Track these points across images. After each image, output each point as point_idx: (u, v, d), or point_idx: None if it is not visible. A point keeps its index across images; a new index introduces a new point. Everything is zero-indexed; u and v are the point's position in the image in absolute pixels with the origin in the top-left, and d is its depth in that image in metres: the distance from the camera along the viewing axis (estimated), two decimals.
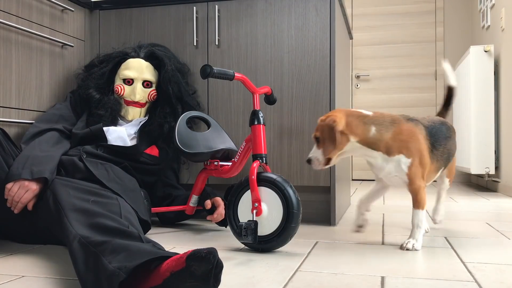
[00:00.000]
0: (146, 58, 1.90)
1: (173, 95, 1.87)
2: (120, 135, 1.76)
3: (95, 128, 1.73)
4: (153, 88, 1.88)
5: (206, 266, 0.88)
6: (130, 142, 1.78)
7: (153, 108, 1.91)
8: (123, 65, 1.87)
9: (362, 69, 5.10)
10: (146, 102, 1.87)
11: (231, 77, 1.52)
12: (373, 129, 1.46)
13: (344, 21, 2.27)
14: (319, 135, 1.48)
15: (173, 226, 1.92)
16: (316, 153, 1.49)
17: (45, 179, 1.43)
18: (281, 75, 1.96)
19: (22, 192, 1.39)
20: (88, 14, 2.15)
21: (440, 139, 1.58)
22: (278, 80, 1.96)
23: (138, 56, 1.89)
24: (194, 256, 0.89)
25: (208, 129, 1.80)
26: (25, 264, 1.29)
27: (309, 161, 1.51)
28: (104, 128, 1.75)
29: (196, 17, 2.05)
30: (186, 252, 0.91)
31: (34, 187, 1.41)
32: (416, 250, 1.49)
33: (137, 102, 1.84)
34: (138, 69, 1.85)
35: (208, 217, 1.73)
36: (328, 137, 1.45)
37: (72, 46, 2.02)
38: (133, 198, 1.54)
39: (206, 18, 2.04)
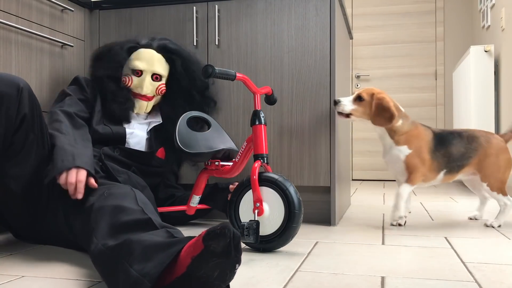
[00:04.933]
0: (159, 50, 1.81)
1: (190, 87, 1.82)
2: (140, 141, 1.75)
3: (118, 131, 1.70)
4: (163, 82, 1.80)
5: (224, 241, 0.89)
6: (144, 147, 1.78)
7: (166, 106, 1.85)
8: (134, 55, 1.79)
9: (362, 69, 5.10)
10: (154, 96, 1.79)
11: (232, 77, 1.52)
12: (400, 121, 1.86)
13: (344, 21, 2.27)
14: (366, 98, 1.84)
15: (173, 226, 1.92)
16: (348, 104, 1.85)
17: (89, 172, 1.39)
18: (281, 75, 1.96)
19: (74, 174, 1.34)
20: (88, 14, 2.15)
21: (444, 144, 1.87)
22: (278, 80, 1.96)
23: (150, 47, 1.81)
24: (210, 236, 0.90)
25: (208, 129, 1.80)
26: (25, 264, 1.29)
27: (337, 102, 1.84)
28: (129, 130, 1.73)
29: (196, 17, 2.05)
30: (200, 234, 0.92)
31: (83, 171, 1.36)
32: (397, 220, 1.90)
33: (144, 95, 1.77)
34: (149, 60, 1.77)
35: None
36: (380, 114, 1.82)
37: (72, 46, 2.02)
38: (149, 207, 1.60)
39: (206, 18, 2.04)
